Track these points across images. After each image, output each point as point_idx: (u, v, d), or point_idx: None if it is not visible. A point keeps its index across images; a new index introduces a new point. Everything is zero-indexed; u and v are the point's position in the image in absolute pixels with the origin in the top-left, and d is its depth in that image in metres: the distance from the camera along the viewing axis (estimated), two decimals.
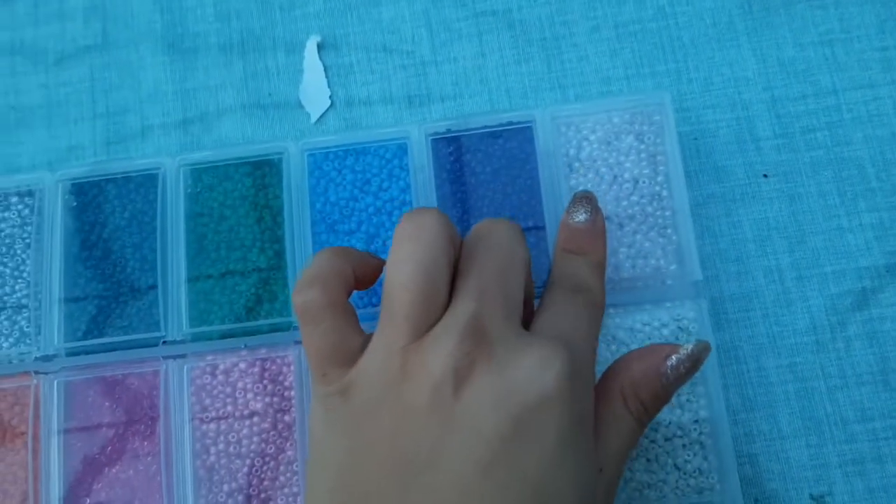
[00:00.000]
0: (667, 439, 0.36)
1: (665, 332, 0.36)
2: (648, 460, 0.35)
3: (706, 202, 0.41)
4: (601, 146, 0.38)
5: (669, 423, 0.36)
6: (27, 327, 0.38)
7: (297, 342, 0.37)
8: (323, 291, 0.29)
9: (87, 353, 0.38)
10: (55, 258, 0.39)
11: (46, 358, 0.38)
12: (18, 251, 0.40)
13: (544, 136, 0.38)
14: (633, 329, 0.36)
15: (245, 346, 0.37)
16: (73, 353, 0.38)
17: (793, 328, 0.39)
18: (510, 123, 0.39)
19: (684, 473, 0.35)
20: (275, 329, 0.38)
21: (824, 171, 0.40)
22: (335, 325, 0.29)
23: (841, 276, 0.39)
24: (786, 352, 0.39)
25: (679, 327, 0.36)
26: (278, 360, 0.37)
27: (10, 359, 0.38)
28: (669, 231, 0.38)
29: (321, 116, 0.43)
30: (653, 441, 0.36)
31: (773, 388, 0.38)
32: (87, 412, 0.37)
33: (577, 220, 0.34)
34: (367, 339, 0.29)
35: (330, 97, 0.43)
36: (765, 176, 0.41)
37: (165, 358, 0.37)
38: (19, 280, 0.39)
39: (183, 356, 0.37)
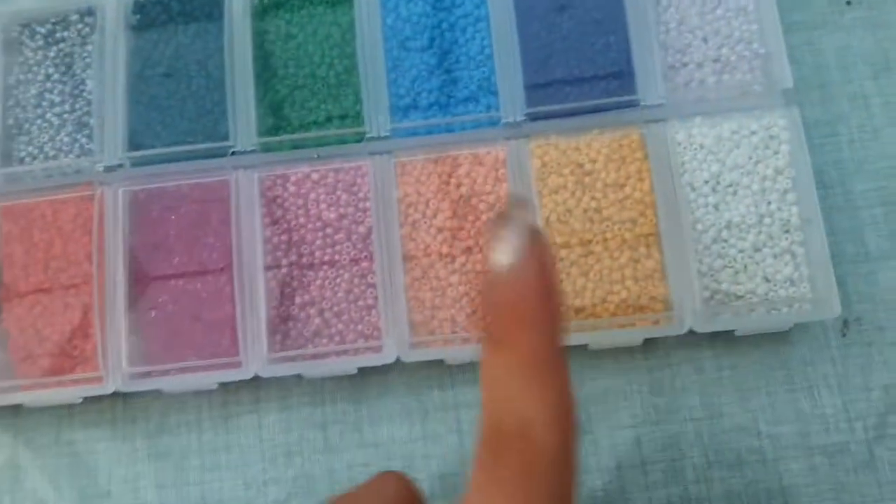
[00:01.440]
0: (756, 249, 0.34)
1: (755, 139, 0.35)
2: (736, 272, 0.34)
3: (788, 30, 0.39)
4: None
5: (760, 232, 0.34)
6: (88, 144, 0.37)
7: (372, 153, 0.36)
8: None
9: (152, 163, 0.37)
10: (118, 75, 0.37)
11: (110, 169, 0.37)
12: (78, 71, 0.38)
13: None
14: (720, 138, 0.35)
15: (318, 156, 0.36)
16: (137, 164, 0.37)
17: (881, 152, 0.38)
18: None
19: (774, 284, 0.34)
20: (343, 142, 0.36)
21: None
22: None
23: None
24: (873, 175, 0.37)
25: (770, 135, 0.35)
26: (352, 171, 0.36)
27: (73, 169, 0.37)
28: (756, 46, 0.36)
29: None
30: (741, 251, 0.34)
31: (860, 213, 0.37)
32: (151, 225, 0.36)
33: (497, 261, 0.20)
34: None
35: None
36: (848, 3, 0.39)
37: (235, 168, 0.36)
38: (79, 98, 0.38)
39: (255, 166, 0.36)
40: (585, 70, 0.36)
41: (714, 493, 0.34)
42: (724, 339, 0.36)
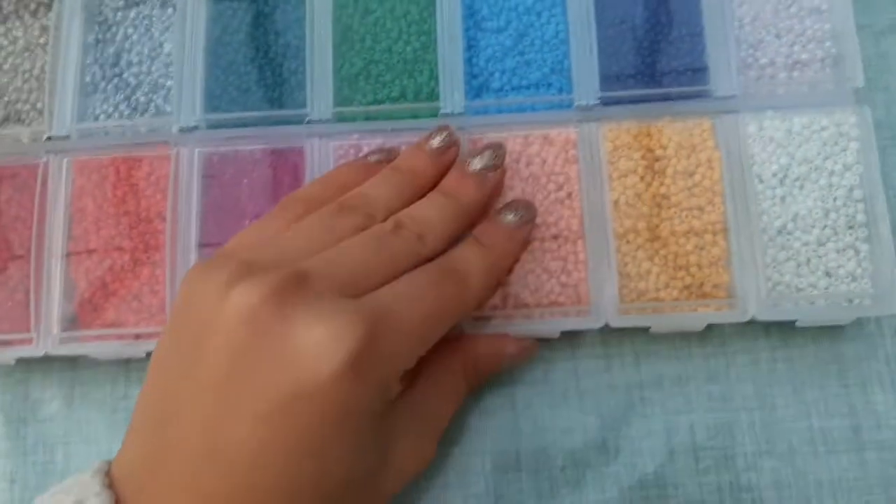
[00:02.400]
0: (820, 243, 0.35)
1: (824, 135, 0.35)
2: (798, 264, 0.35)
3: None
4: None
5: (825, 227, 0.35)
6: (164, 104, 0.38)
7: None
8: None
9: (226, 127, 0.37)
10: (198, 39, 0.38)
11: (185, 130, 0.37)
12: (157, 34, 0.39)
13: None
14: (790, 132, 0.36)
15: (392, 129, 0.36)
16: (212, 127, 0.37)
17: None
18: None
19: (835, 279, 0.34)
20: (416, 117, 0.37)
21: None
22: None
23: None
24: None
25: (839, 132, 0.35)
26: None
27: (148, 129, 0.37)
28: (828, 45, 0.37)
29: None
30: (805, 244, 0.35)
31: None
32: (223, 188, 0.36)
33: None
34: None
35: None
36: None
37: (311, 136, 0.36)
38: (156, 60, 0.38)
39: (329, 135, 0.36)
40: (659, 59, 0.36)
41: (764, 482, 0.35)
42: (779, 332, 0.36)
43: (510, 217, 0.33)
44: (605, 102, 0.36)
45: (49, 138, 0.38)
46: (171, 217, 0.36)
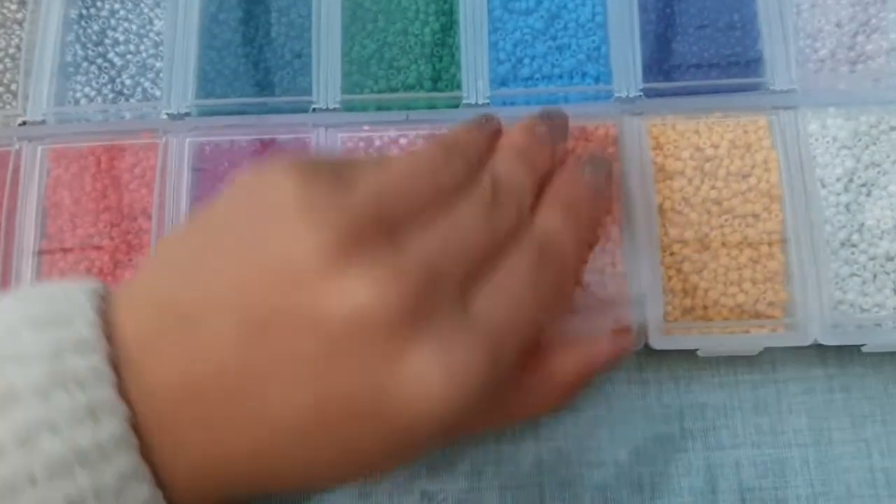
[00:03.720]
0: (889, 258, 0.31)
1: (894, 136, 0.32)
2: (864, 281, 0.31)
3: None
4: None
5: (894, 240, 0.31)
6: (152, 88, 0.34)
7: None
8: None
9: (222, 114, 0.33)
10: (191, 16, 0.34)
11: (175, 117, 0.33)
12: (146, 9, 0.35)
13: None
14: (857, 132, 0.32)
15: (408, 118, 0.33)
16: (206, 114, 0.33)
17: None
18: None
19: None
20: (433, 107, 0.33)
21: None
22: None
23: None
24: None
25: None
26: None
27: (134, 114, 0.34)
28: (894, 36, 0.33)
29: None
30: (872, 258, 0.31)
31: None
32: (217, 182, 0.33)
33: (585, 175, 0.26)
34: None
35: None
36: None
37: (316, 126, 0.33)
38: (145, 39, 0.35)
39: (337, 125, 0.33)
40: (709, 47, 0.33)
41: None
42: (837, 357, 0.32)
43: (590, 170, 0.27)
44: (648, 94, 0.33)
45: (23, 123, 0.34)
46: (157, 214, 0.32)
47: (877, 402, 0.32)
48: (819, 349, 0.32)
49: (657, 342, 0.30)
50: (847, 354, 0.32)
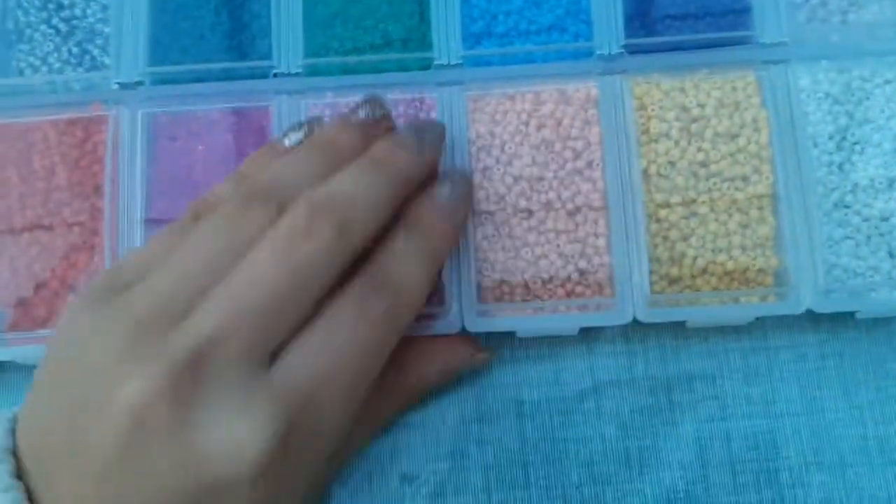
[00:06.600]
0: (883, 218, 0.29)
1: (888, 89, 0.30)
2: (857, 244, 0.29)
3: None
4: None
5: (889, 199, 0.29)
6: (101, 56, 0.32)
7: (441, 84, 0.31)
8: None
9: (177, 82, 0.31)
10: None
11: (127, 87, 0.31)
12: None
13: None
14: (849, 86, 0.30)
15: (374, 84, 0.31)
16: (159, 82, 0.31)
17: None
18: None
19: None
20: (404, 69, 0.31)
21: None
22: None
23: None
24: None
25: None
26: (414, 104, 0.31)
27: (83, 85, 0.32)
28: None
29: None
30: (866, 219, 0.29)
31: None
32: (174, 155, 0.31)
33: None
34: None
35: None
36: None
37: (277, 93, 0.31)
38: (92, 2, 0.33)
39: (300, 92, 0.31)
40: None
41: (811, 499, 0.30)
42: (829, 323, 0.31)
43: (446, 191, 0.27)
44: (632, 51, 0.31)
45: None
46: (110, 191, 0.30)
47: (870, 369, 0.31)
48: (811, 314, 0.31)
49: (643, 315, 0.29)
50: (840, 319, 0.31)
